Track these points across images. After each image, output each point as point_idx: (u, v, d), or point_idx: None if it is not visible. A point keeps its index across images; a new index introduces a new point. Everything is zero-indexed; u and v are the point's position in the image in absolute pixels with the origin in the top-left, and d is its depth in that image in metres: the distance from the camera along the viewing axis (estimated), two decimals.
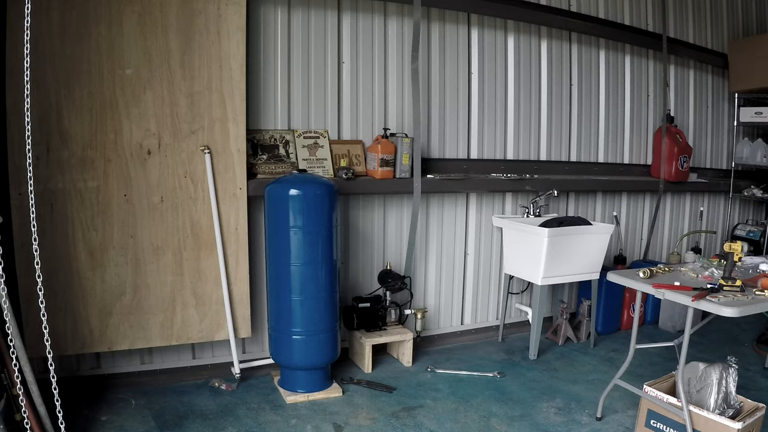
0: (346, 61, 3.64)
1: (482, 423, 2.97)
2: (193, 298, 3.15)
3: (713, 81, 5.45)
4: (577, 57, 4.51)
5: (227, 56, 3.08)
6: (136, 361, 3.26)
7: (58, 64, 2.75)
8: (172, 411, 2.96)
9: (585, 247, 3.89)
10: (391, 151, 3.59)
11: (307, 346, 3.11)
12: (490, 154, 4.22)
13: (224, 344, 3.34)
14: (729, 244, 2.65)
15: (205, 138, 3.09)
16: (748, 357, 3.92)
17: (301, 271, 3.05)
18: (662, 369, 3.36)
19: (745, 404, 2.64)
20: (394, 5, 3.71)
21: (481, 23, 4.07)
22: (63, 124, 2.80)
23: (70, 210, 2.86)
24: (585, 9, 4.43)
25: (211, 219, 3.13)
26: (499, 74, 4.19)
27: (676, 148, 4.77)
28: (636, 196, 4.97)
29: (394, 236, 3.89)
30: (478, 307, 4.29)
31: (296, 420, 2.93)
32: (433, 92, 3.95)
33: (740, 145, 5.57)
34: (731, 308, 2.39)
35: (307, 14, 3.49)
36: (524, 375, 3.58)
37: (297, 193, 3.00)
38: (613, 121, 4.79)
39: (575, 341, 4.18)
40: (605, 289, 4.20)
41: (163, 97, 2.98)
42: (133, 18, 2.88)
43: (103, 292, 2.96)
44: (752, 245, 5.32)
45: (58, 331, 2.81)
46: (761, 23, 5.72)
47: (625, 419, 3.00)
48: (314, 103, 3.57)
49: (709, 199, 5.56)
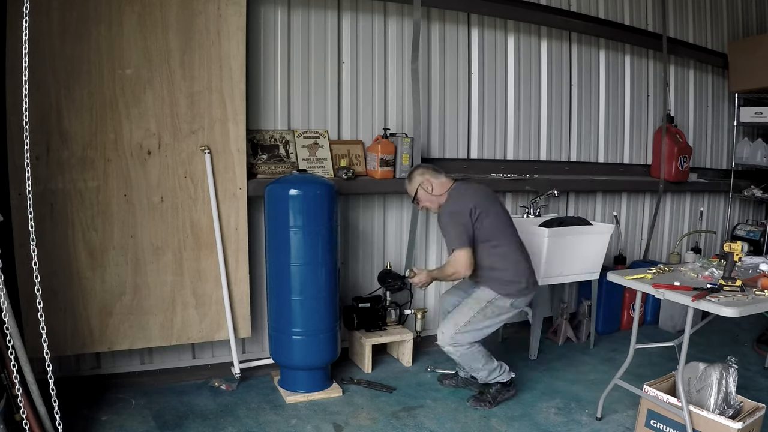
0: (346, 61, 3.64)
1: (482, 423, 2.97)
2: (193, 298, 3.15)
3: (713, 81, 5.45)
4: (577, 57, 4.51)
5: (227, 56, 3.08)
6: (136, 361, 3.26)
7: (58, 64, 2.75)
8: (172, 411, 2.96)
9: (585, 247, 3.89)
10: (391, 151, 3.59)
11: (307, 346, 3.11)
12: (490, 154, 4.22)
13: (224, 344, 3.34)
14: (729, 244, 2.65)
15: (205, 138, 3.09)
16: (748, 357, 3.92)
17: (301, 271, 3.05)
18: (662, 369, 3.35)
19: (745, 404, 2.64)
20: (394, 5, 3.71)
21: (481, 23, 4.07)
22: (63, 124, 2.80)
23: (70, 210, 2.86)
24: (585, 9, 4.43)
25: (211, 219, 3.13)
26: (499, 74, 4.19)
27: (676, 148, 4.77)
28: (636, 196, 4.97)
29: (394, 236, 3.89)
30: None
31: (296, 420, 2.93)
32: (433, 92, 3.95)
33: (740, 145, 5.57)
34: (731, 308, 2.39)
35: (307, 14, 3.49)
36: (524, 375, 3.57)
37: (297, 193, 3.00)
38: (613, 121, 4.79)
39: (575, 341, 4.18)
40: (605, 289, 4.20)
41: (163, 97, 2.98)
42: (133, 18, 2.88)
43: (103, 292, 2.96)
44: (752, 245, 5.32)
45: (58, 331, 2.81)
46: (761, 23, 5.72)
47: (625, 419, 3.00)
48: (314, 103, 3.57)
49: (709, 199, 5.56)
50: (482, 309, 3.01)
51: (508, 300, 3.03)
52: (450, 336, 2.99)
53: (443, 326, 3.05)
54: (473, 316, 3.00)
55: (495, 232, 3.03)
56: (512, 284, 3.03)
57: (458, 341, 2.98)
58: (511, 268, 3.05)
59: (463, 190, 3.11)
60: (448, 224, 2.99)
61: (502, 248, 3.05)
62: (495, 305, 3.03)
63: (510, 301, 3.04)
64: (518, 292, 3.05)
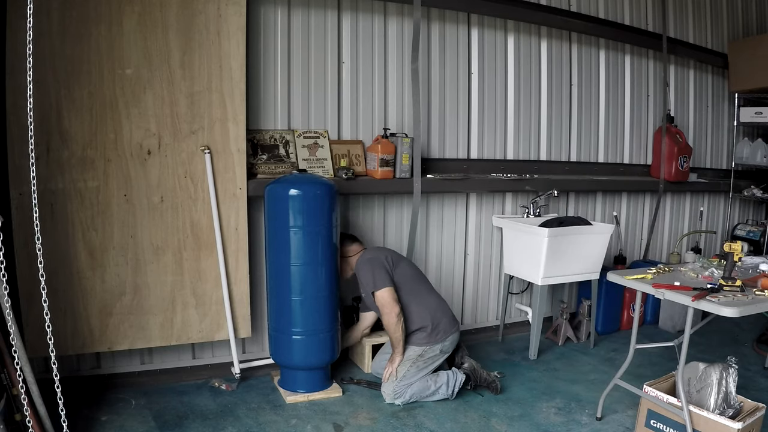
0: (346, 61, 3.64)
1: (482, 423, 2.97)
2: (193, 298, 3.15)
3: (713, 81, 5.45)
4: (577, 57, 4.51)
5: (227, 56, 3.08)
6: (136, 361, 3.26)
7: (58, 64, 2.75)
8: (172, 411, 2.96)
9: (585, 247, 3.89)
10: (391, 151, 3.59)
11: (307, 346, 3.11)
12: (490, 154, 4.22)
13: (224, 344, 3.34)
14: (729, 244, 2.65)
15: (205, 138, 3.09)
16: (748, 357, 3.92)
17: (301, 271, 3.05)
18: (662, 369, 3.35)
19: (745, 404, 2.64)
20: (394, 5, 3.71)
21: (481, 23, 4.07)
22: (63, 124, 2.80)
23: (70, 210, 2.86)
24: (585, 9, 4.43)
25: (211, 219, 3.13)
26: (499, 74, 4.19)
27: (676, 148, 4.77)
28: (636, 196, 4.97)
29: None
30: (478, 307, 4.30)
31: (296, 420, 2.93)
32: (433, 92, 3.95)
33: (740, 145, 5.57)
34: (731, 308, 2.39)
35: (307, 14, 3.49)
36: (524, 375, 3.58)
37: (297, 193, 3.00)
38: (613, 121, 4.79)
39: (575, 341, 4.18)
40: (605, 289, 4.20)
41: (163, 97, 2.98)
42: (133, 18, 2.88)
43: (103, 292, 2.96)
44: (752, 245, 5.32)
45: (58, 331, 2.80)
46: (761, 23, 5.72)
47: (625, 419, 3.00)
48: (314, 103, 3.57)
49: (709, 199, 5.56)
50: (414, 363, 3.16)
51: (437, 346, 3.18)
52: (392, 392, 3.11)
53: (384, 387, 3.17)
54: (407, 371, 3.14)
55: (408, 279, 3.26)
56: (435, 331, 3.18)
57: (399, 392, 3.11)
58: (430, 312, 3.20)
59: (374, 248, 3.44)
60: (365, 271, 3.16)
61: (418, 292, 3.24)
62: (425, 357, 3.18)
63: (439, 347, 3.20)
64: (444, 333, 3.19)
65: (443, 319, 3.22)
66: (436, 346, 3.17)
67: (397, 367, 3.14)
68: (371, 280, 3.14)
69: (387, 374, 3.18)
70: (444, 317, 3.24)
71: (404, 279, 3.23)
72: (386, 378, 3.18)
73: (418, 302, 3.21)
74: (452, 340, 3.24)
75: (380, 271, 3.14)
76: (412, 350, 3.18)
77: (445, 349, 3.22)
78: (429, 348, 3.15)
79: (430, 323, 3.18)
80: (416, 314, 3.19)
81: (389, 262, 3.21)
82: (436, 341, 3.17)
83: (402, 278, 3.22)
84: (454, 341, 3.25)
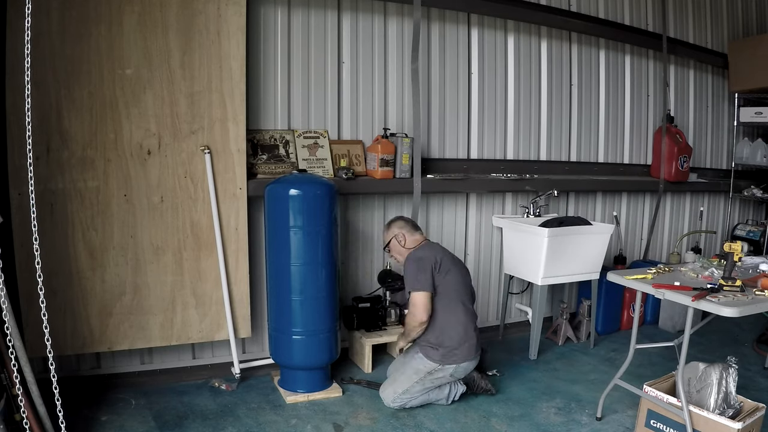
0: (346, 61, 3.64)
1: (482, 423, 2.97)
2: (193, 298, 3.15)
3: (713, 81, 5.45)
4: (577, 57, 4.51)
5: (227, 56, 3.08)
6: (136, 361, 3.26)
7: (58, 64, 2.75)
8: (172, 411, 2.96)
9: (585, 247, 3.89)
10: (391, 151, 3.59)
11: (307, 346, 3.11)
12: (490, 154, 4.22)
13: (224, 344, 3.34)
14: (729, 244, 2.65)
15: (205, 138, 3.09)
16: (748, 357, 3.92)
17: (301, 271, 3.05)
18: (662, 369, 3.35)
19: (745, 404, 2.64)
20: (394, 5, 3.71)
21: (481, 23, 4.07)
22: (63, 124, 2.80)
23: (70, 210, 2.86)
24: (585, 9, 4.43)
25: (211, 219, 3.13)
26: (499, 74, 4.19)
27: (676, 148, 4.77)
28: (636, 196, 4.97)
29: None
30: (478, 307, 4.28)
31: (296, 420, 2.93)
32: (433, 92, 3.95)
33: (740, 145, 5.57)
34: (731, 308, 2.39)
35: (307, 14, 3.49)
36: (524, 375, 3.58)
37: (297, 193, 3.00)
38: (613, 121, 4.79)
39: (575, 341, 4.18)
40: (605, 289, 4.20)
41: (163, 97, 2.98)
42: (133, 18, 2.88)
43: (103, 292, 2.96)
44: (752, 245, 5.32)
45: (58, 331, 2.81)
46: (761, 23, 5.72)
47: (625, 419, 3.00)
48: (314, 103, 3.57)
49: (709, 199, 5.56)
50: (421, 379, 3.05)
51: (449, 368, 3.04)
52: (390, 399, 3.07)
53: (384, 388, 3.13)
54: (411, 386, 3.05)
55: (451, 291, 3.07)
56: (451, 353, 3.02)
57: (399, 403, 3.07)
58: (456, 333, 3.03)
59: (432, 245, 3.23)
60: (411, 268, 3.06)
61: (454, 307, 3.06)
62: (434, 376, 3.06)
63: (451, 369, 3.04)
64: (459, 358, 3.03)
65: (465, 344, 3.04)
66: (448, 367, 3.03)
67: (401, 379, 3.08)
68: (413, 279, 3.02)
69: (397, 349, 3.25)
70: (466, 342, 3.04)
71: (446, 290, 3.06)
72: (397, 352, 3.25)
73: (448, 318, 3.05)
74: (465, 368, 3.08)
75: (425, 273, 3.00)
76: (424, 363, 3.04)
77: (456, 374, 3.07)
78: (440, 368, 3.03)
79: (450, 344, 3.02)
80: (440, 329, 3.04)
81: (438, 266, 3.04)
82: (449, 363, 3.02)
83: (445, 288, 3.05)
84: (467, 369, 3.10)
